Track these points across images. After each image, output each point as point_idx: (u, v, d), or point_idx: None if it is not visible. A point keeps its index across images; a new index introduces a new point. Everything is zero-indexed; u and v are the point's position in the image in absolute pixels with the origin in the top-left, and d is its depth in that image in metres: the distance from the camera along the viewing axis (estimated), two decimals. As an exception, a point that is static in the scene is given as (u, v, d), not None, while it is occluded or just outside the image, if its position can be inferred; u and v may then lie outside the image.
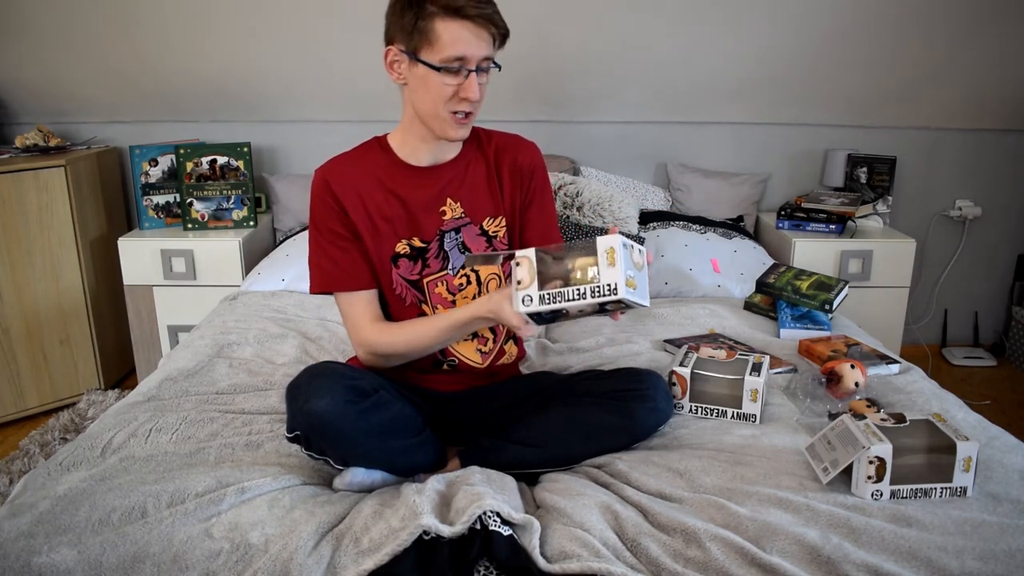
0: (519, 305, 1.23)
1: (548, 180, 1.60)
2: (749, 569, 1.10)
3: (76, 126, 2.95)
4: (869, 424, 1.31)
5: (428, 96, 1.37)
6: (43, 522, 1.21)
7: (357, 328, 1.48)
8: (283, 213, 2.89)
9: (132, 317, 2.70)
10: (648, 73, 2.77)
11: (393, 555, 1.10)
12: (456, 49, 1.31)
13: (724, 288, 2.44)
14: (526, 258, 1.23)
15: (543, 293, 1.21)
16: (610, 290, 1.17)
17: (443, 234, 1.50)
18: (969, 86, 2.79)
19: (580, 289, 1.18)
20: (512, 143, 1.56)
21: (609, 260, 1.18)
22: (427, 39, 1.32)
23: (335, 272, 1.46)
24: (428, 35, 1.32)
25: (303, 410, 1.28)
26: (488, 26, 1.33)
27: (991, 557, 1.12)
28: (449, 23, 1.31)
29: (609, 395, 1.48)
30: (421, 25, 1.32)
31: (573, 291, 1.19)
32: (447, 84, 1.34)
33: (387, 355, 1.47)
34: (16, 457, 2.29)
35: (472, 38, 1.32)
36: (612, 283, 1.17)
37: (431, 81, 1.35)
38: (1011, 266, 3.17)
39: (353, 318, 1.48)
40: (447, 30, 1.31)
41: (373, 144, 1.52)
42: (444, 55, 1.32)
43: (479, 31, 1.32)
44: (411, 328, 1.45)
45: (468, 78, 1.34)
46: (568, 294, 1.19)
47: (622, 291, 1.17)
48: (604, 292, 1.17)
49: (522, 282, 1.22)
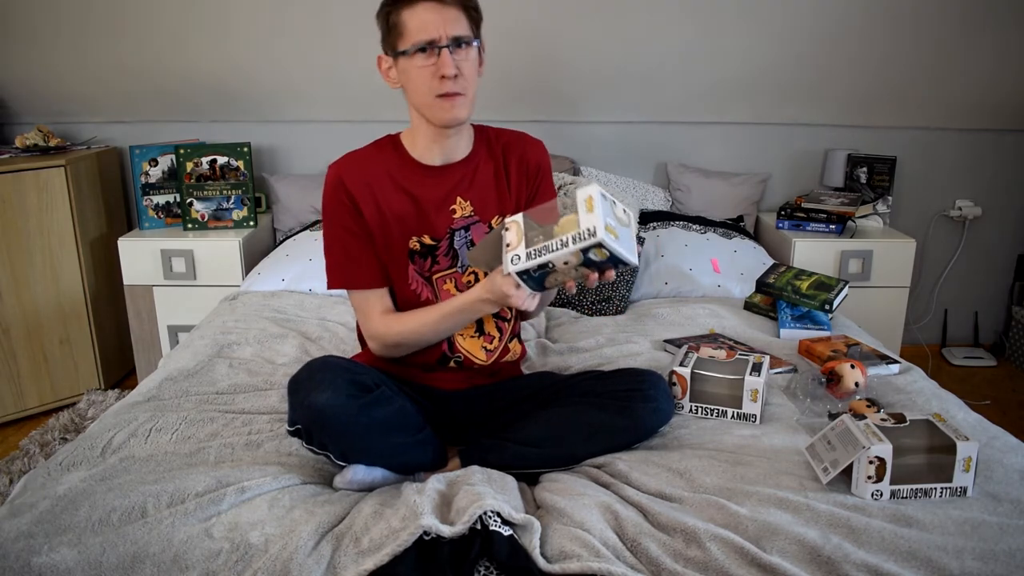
0: (508, 266, 1.24)
1: (552, 180, 1.62)
2: (749, 569, 1.10)
3: (76, 126, 2.95)
4: (869, 424, 1.31)
5: (415, 87, 1.40)
6: (43, 522, 1.21)
7: (368, 320, 1.51)
8: (283, 213, 2.89)
9: (132, 317, 2.70)
10: (648, 73, 2.77)
11: (393, 555, 1.10)
12: (424, 31, 1.36)
13: (724, 288, 2.43)
14: (515, 222, 1.25)
15: (529, 250, 1.22)
16: (589, 233, 1.17)
17: (453, 232, 1.51)
18: (969, 86, 2.79)
19: (563, 238, 1.19)
20: (519, 140, 1.57)
21: (588, 207, 1.18)
22: (398, 32, 1.38)
23: (351, 269, 1.49)
24: (398, 27, 1.38)
25: (304, 404, 1.29)
26: (451, 3, 1.37)
27: (991, 557, 1.12)
28: (413, 9, 1.36)
29: (610, 395, 1.48)
30: (392, 21, 1.39)
31: (556, 242, 1.19)
32: (424, 67, 1.38)
33: (397, 344, 1.50)
34: (16, 457, 2.29)
35: (435, 18, 1.36)
36: (591, 227, 1.17)
37: (413, 71, 1.39)
38: (1011, 266, 3.17)
39: (365, 311, 1.51)
40: (412, 16, 1.36)
41: (386, 142, 1.54)
42: (413, 40, 1.36)
43: (442, 10, 1.37)
44: (417, 317, 1.47)
45: (440, 55, 1.37)
46: (552, 245, 1.20)
47: (600, 233, 1.16)
48: (584, 236, 1.17)
49: (511, 244, 1.24)
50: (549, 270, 1.23)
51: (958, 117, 2.94)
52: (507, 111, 2.85)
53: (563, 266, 1.22)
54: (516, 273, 1.24)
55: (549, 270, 1.23)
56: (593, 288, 1.58)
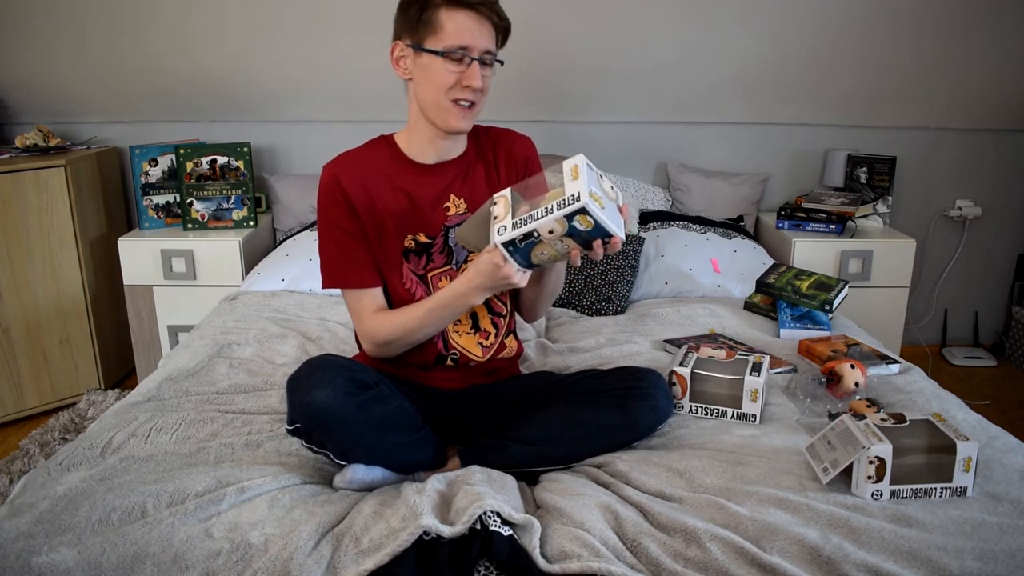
0: (495, 237, 1.24)
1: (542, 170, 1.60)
2: (749, 569, 1.10)
3: (76, 126, 2.95)
4: (869, 424, 1.31)
5: (431, 85, 1.40)
6: (43, 522, 1.21)
7: (360, 320, 1.51)
8: (283, 213, 2.89)
9: (132, 317, 2.70)
10: (648, 73, 2.77)
11: (393, 555, 1.10)
12: (460, 38, 1.37)
13: (724, 288, 2.43)
14: (503, 196, 1.27)
15: (515, 220, 1.23)
16: (573, 199, 1.17)
17: (447, 229, 1.51)
18: (969, 86, 2.79)
19: (547, 206, 1.20)
20: (505, 136, 1.59)
21: (573, 175, 1.20)
22: (431, 29, 1.38)
23: (345, 268, 1.50)
24: (433, 25, 1.37)
25: (303, 401, 1.29)
26: (491, 16, 1.39)
27: (991, 557, 1.12)
28: (453, 13, 1.36)
29: (609, 394, 1.48)
30: (426, 17, 1.38)
31: (541, 210, 1.20)
32: (450, 71, 1.38)
33: (388, 342, 1.49)
34: (16, 457, 2.29)
35: (475, 27, 1.37)
36: (575, 192, 1.18)
37: (434, 69, 1.39)
38: (1011, 266, 3.17)
39: (357, 311, 1.52)
40: (451, 19, 1.36)
41: (380, 142, 1.54)
42: (448, 43, 1.37)
43: (482, 21, 1.38)
44: (407, 312, 1.47)
45: (471, 66, 1.38)
46: (537, 213, 1.20)
47: (584, 198, 1.16)
48: (568, 202, 1.18)
49: (498, 217, 1.26)
50: (535, 240, 1.23)
51: (958, 117, 2.94)
52: (507, 111, 2.84)
53: (548, 235, 1.22)
54: (503, 245, 1.25)
55: (535, 240, 1.23)
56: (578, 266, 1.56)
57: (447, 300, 1.41)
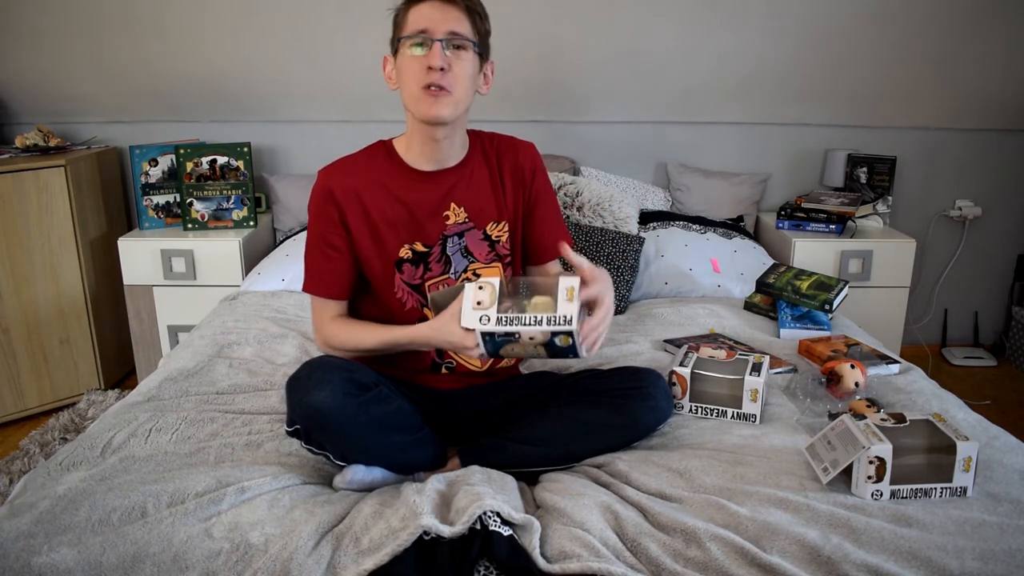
0: (475, 322, 1.28)
1: (548, 179, 1.62)
2: (749, 569, 1.10)
3: (76, 126, 2.95)
4: (869, 424, 1.31)
5: (404, 80, 1.42)
6: (43, 522, 1.21)
7: (320, 322, 1.55)
8: (283, 213, 2.89)
9: (132, 317, 2.70)
10: (648, 73, 2.77)
11: (393, 555, 1.10)
12: (419, 23, 1.38)
13: (724, 288, 2.43)
14: (490, 284, 1.30)
15: (501, 315, 1.28)
16: (565, 320, 1.25)
17: (446, 238, 1.51)
18: (969, 86, 2.79)
19: (537, 316, 1.26)
20: (511, 146, 1.57)
21: (568, 296, 1.27)
22: (400, 27, 1.42)
23: (321, 279, 1.52)
24: (401, 24, 1.41)
25: (302, 402, 1.29)
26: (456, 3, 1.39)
27: (991, 557, 1.12)
28: (419, 6, 1.39)
29: (609, 394, 1.48)
30: (398, 20, 1.42)
31: (530, 317, 1.27)
32: (415, 58, 1.38)
33: (339, 349, 1.51)
34: (16, 457, 2.29)
35: (435, 13, 1.38)
36: (568, 315, 1.25)
37: (403, 63, 1.41)
38: (1011, 266, 3.17)
39: (318, 313, 1.55)
40: (413, 12, 1.40)
41: (378, 148, 1.53)
42: (408, 30, 1.39)
43: (445, 8, 1.39)
44: (360, 332, 1.50)
45: (432, 47, 1.37)
46: (526, 319, 1.27)
47: (574, 324, 1.25)
48: (559, 321, 1.25)
49: (482, 303, 1.29)
50: (513, 340, 1.29)
51: (958, 117, 2.94)
52: (507, 111, 2.85)
53: (527, 340, 1.28)
54: (481, 332, 1.29)
55: (513, 340, 1.29)
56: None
57: (404, 341, 1.44)
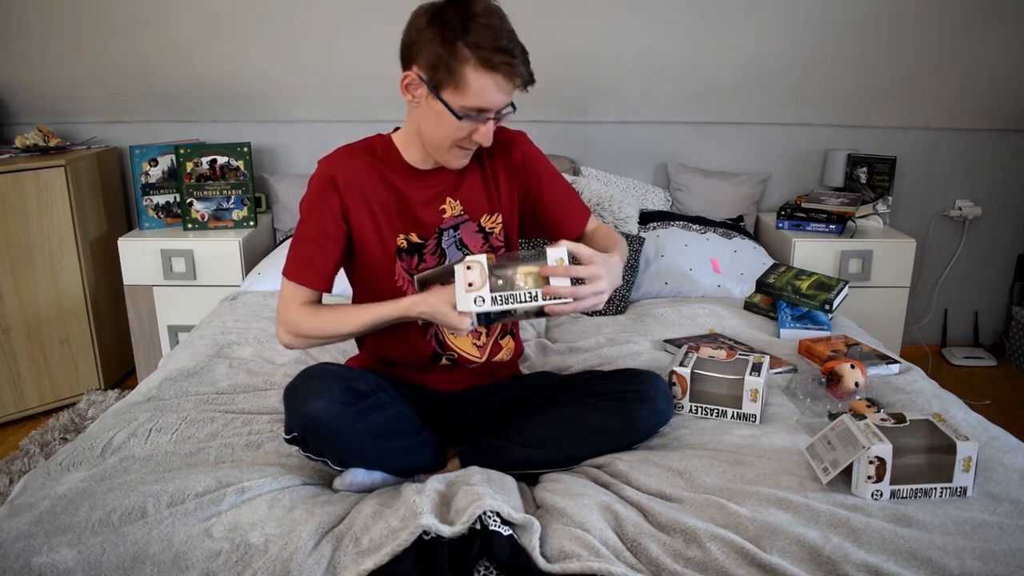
0: (470, 304, 1.29)
1: (547, 161, 1.59)
2: (749, 569, 1.10)
3: (76, 126, 2.95)
4: (869, 424, 1.31)
5: (439, 131, 1.37)
6: (43, 522, 1.21)
7: (287, 308, 1.46)
8: (283, 213, 2.89)
9: (132, 317, 2.70)
10: (648, 73, 2.77)
11: (393, 555, 1.10)
12: (483, 100, 1.31)
13: (724, 288, 2.43)
14: (478, 263, 1.31)
15: (495, 295, 1.29)
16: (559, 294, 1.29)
17: (442, 231, 1.50)
18: (969, 86, 2.79)
19: (531, 292, 1.29)
20: (502, 139, 1.53)
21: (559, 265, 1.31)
22: (454, 81, 1.29)
23: (305, 268, 1.45)
24: (456, 78, 1.29)
25: (299, 412, 1.29)
26: (520, 76, 1.32)
27: (991, 557, 1.12)
28: (481, 74, 1.28)
29: (609, 396, 1.48)
30: (452, 66, 1.28)
31: (524, 294, 1.29)
32: (462, 128, 1.35)
33: (307, 336, 1.46)
34: (16, 457, 2.29)
35: (498, 91, 1.31)
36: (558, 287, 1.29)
37: (446, 120, 1.34)
38: (1011, 266, 3.17)
39: (288, 299, 1.47)
40: (477, 80, 1.29)
41: (377, 141, 1.52)
42: (467, 103, 1.31)
43: (508, 83, 1.31)
44: (336, 316, 1.44)
45: (485, 124, 1.35)
46: (520, 296, 1.30)
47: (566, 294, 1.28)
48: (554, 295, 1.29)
49: (474, 284, 1.30)
50: (509, 315, 1.33)
51: (958, 117, 2.94)
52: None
53: (522, 313, 1.32)
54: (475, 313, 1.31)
55: (509, 315, 1.33)
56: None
57: (395, 316, 1.40)
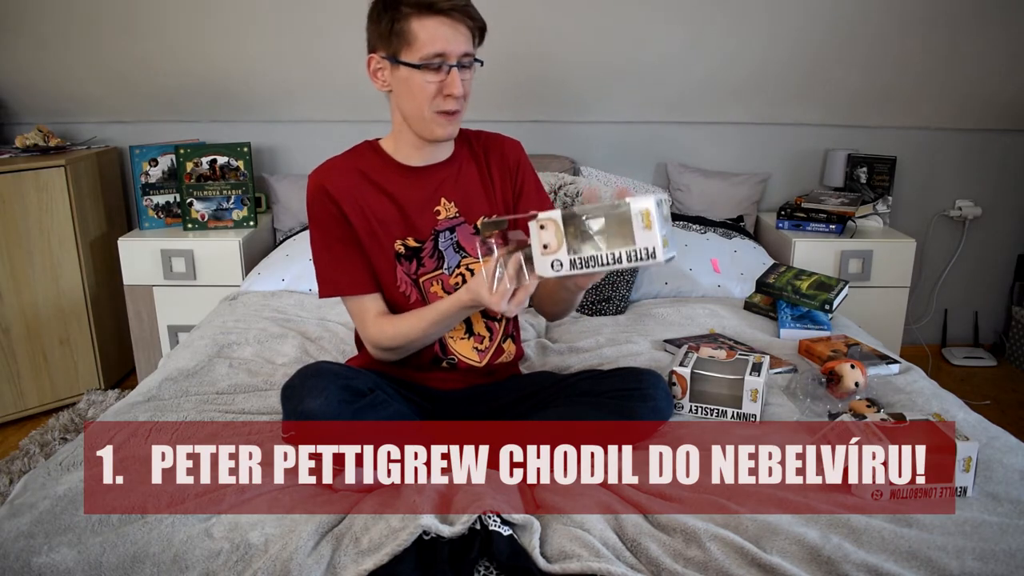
0: (548, 270, 1.15)
1: (533, 170, 1.61)
2: (749, 569, 1.10)
3: (76, 126, 2.95)
4: (869, 424, 1.31)
5: (412, 98, 1.38)
6: (43, 522, 1.21)
7: (364, 325, 1.50)
8: (283, 213, 2.90)
9: (132, 317, 2.70)
10: (648, 73, 2.77)
11: (393, 555, 1.10)
12: (435, 46, 1.33)
13: (724, 288, 2.43)
14: (552, 220, 1.14)
15: (573, 258, 1.13)
16: (648, 254, 1.10)
17: (437, 234, 1.50)
18: (969, 86, 2.79)
19: (615, 253, 1.11)
20: (496, 141, 1.58)
21: (645, 223, 1.10)
22: (405, 40, 1.34)
23: (340, 276, 1.48)
24: (406, 36, 1.34)
25: (297, 410, 1.29)
26: (464, 19, 1.35)
27: (991, 557, 1.11)
28: (425, 20, 1.33)
29: (609, 395, 1.48)
30: (398, 27, 1.34)
31: (608, 255, 1.11)
32: (429, 82, 1.36)
33: (392, 348, 1.48)
34: (16, 457, 2.29)
35: (450, 32, 1.34)
36: (651, 247, 1.10)
37: (414, 82, 1.36)
38: (1011, 266, 3.17)
39: (360, 316, 1.50)
40: (423, 28, 1.33)
41: (364, 147, 1.53)
42: (423, 53, 1.34)
43: (456, 25, 1.34)
44: (405, 321, 1.46)
45: (450, 74, 1.36)
46: (602, 259, 1.11)
47: (660, 255, 1.10)
48: (642, 256, 1.10)
49: (549, 246, 1.15)
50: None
51: (958, 117, 2.94)
52: (506, 111, 2.85)
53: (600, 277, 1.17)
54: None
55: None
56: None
57: (454, 310, 1.39)
